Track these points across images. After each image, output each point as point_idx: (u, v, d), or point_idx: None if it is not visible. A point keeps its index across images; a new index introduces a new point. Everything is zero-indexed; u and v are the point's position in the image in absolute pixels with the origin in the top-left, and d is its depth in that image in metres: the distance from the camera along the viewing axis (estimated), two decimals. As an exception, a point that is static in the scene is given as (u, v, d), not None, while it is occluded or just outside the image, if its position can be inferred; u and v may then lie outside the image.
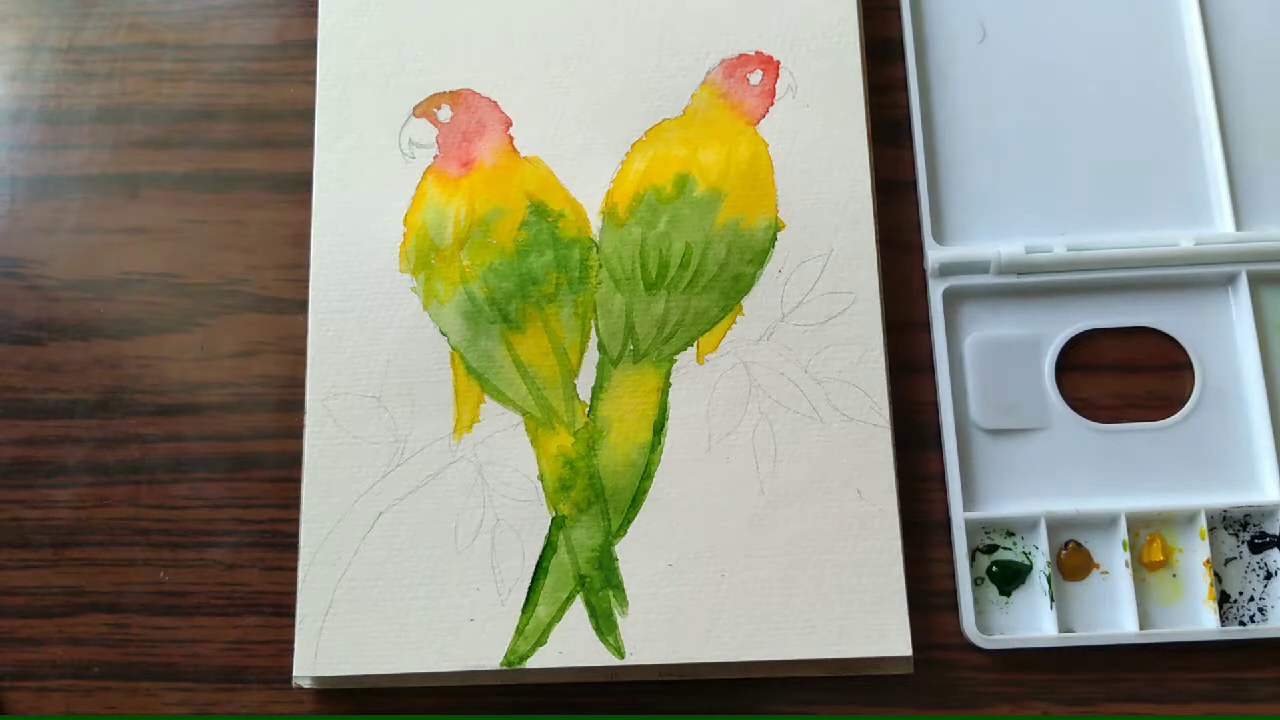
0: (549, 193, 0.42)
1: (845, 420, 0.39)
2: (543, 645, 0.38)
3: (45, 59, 0.46)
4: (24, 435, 0.42)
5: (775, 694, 0.39)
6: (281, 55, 0.45)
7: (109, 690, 0.40)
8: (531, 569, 0.38)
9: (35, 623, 0.40)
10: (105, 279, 0.43)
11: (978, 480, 0.40)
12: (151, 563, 0.41)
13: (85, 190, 0.44)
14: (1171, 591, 0.39)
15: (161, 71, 0.45)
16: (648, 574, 0.38)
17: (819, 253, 0.41)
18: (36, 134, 0.45)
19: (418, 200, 0.42)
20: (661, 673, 0.39)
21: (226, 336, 0.43)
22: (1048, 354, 0.41)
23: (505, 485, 0.39)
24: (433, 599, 0.38)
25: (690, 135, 0.42)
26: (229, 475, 0.41)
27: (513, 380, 0.40)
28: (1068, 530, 0.40)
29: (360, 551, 0.39)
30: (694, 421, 0.39)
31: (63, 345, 0.43)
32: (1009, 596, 0.39)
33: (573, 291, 0.41)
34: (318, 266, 0.41)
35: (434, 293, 0.41)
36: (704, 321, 0.40)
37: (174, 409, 0.42)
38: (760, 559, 0.38)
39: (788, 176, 0.41)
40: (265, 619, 0.40)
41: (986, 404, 0.41)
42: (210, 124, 0.45)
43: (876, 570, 0.38)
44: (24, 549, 0.41)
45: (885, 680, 0.39)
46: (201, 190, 0.44)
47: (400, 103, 0.43)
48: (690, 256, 0.41)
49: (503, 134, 0.42)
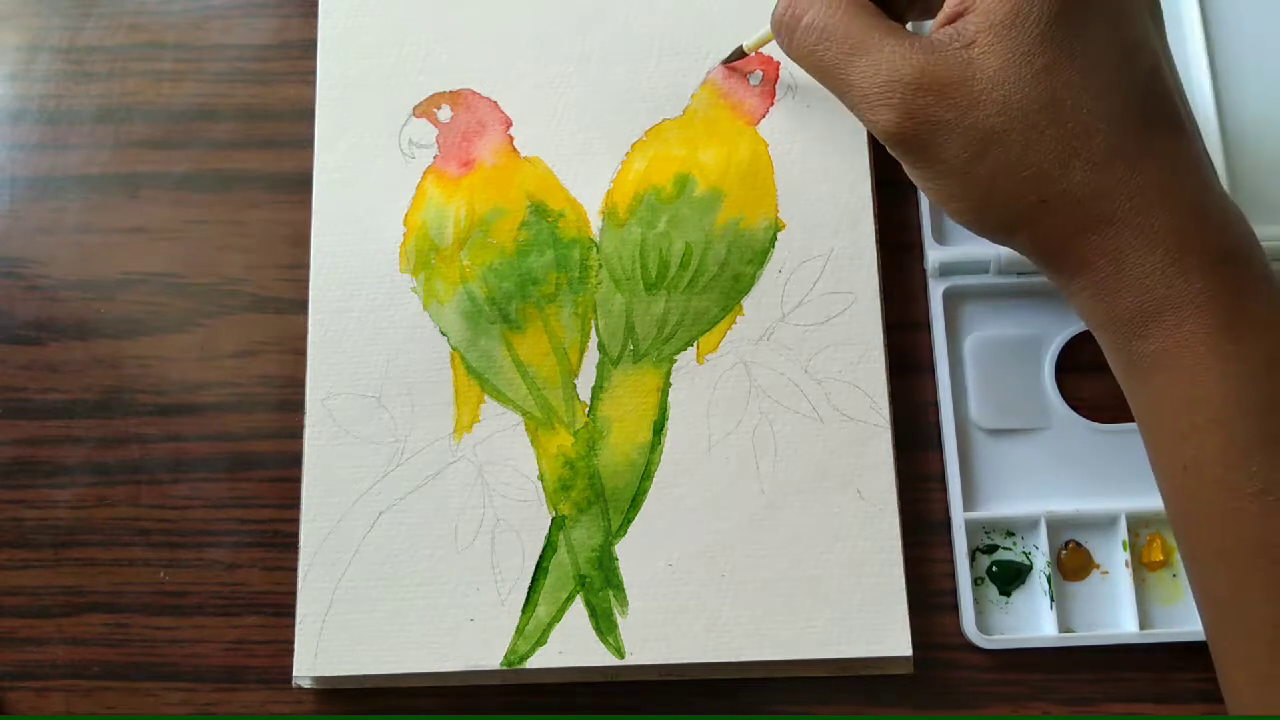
0: (549, 193, 0.42)
1: (845, 420, 0.39)
2: (543, 645, 0.38)
3: (45, 59, 0.46)
4: (24, 435, 0.42)
5: (775, 694, 0.39)
6: (281, 55, 0.45)
7: (109, 690, 0.40)
8: (531, 569, 0.39)
9: (35, 623, 0.40)
10: (105, 279, 0.43)
11: (978, 480, 0.40)
12: (151, 563, 0.41)
13: (85, 190, 0.44)
14: (1171, 591, 0.39)
15: (161, 71, 0.45)
16: (648, 574, 0.38)
17: (819, 253, 0.41)
18: (36, 134, 0.45)
19: (418, 200, 0.42)
20: (661, 673, 0.39)
21: (226, 336, 0.43)
22: (1048, 354, 0.41)
23: (505, 485, 0.39)
24: (433, 599, 0.38)
25: (690, 135, 0.42)
26: (229, 475, 0.41)
27: (513, 380, 0.40)
28: (1068, 530, 0.40)
29: (360, 551, 0.39)
30: (694, 421, 0.39)
31: (63, 345, 0.43)
32: (1009, 596, 0.39)
33: (573, 291, 0.41)
34: (318, 266, 0.41)
35: (434, 293, 0.41)
36: (704, 321, 0.40)
37: (174, 409, 0.42)
38: (760, 559, 0.38)
39: (788, 176, 0.41)
40: (265, 619, 0.40)
41: (986, 404, 0.41)
42: (210, 124, 0.45)
43: (876, 570, 0.38)
44: (24, 549, 0.41)
45: (885, 680, 0.39)
46: (201, 190, 0.44)
47: (400, 103, 0.43)
48: (690, 256, 0.41)
49: (503, 134, 0.42)
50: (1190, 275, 0.30)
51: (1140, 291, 0.31)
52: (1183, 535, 0.32)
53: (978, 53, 0.31)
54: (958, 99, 0.31)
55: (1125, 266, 0.31)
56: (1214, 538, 0.31)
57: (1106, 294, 0.31)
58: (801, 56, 0.35)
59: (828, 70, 0.34)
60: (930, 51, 0.31)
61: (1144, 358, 0.31)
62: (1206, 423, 0.30)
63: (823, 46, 0.33)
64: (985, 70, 0.31)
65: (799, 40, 0.34)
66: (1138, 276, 0.31)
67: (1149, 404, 0.32)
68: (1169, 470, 0.32)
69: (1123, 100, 0.31)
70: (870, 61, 0.32)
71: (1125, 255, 0.31)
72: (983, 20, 0.31)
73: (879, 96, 0.32)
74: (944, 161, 0.32)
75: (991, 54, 0.31)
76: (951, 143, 0.31)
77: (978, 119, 0.31)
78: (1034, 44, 0.30)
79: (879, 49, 0.32)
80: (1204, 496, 0.31)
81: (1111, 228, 0.31)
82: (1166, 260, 0.30)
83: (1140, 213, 0.30)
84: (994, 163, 0.31)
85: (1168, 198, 0.30)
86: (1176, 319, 0.30)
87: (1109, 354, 0.33)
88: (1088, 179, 0.31)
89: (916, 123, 0.32)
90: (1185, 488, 0.31)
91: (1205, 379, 0.30)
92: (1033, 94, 0.30)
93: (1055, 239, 0.32)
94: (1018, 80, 0.31)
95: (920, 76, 0.31)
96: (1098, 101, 0.30)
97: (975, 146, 0.31)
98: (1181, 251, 0.30)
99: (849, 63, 0.33)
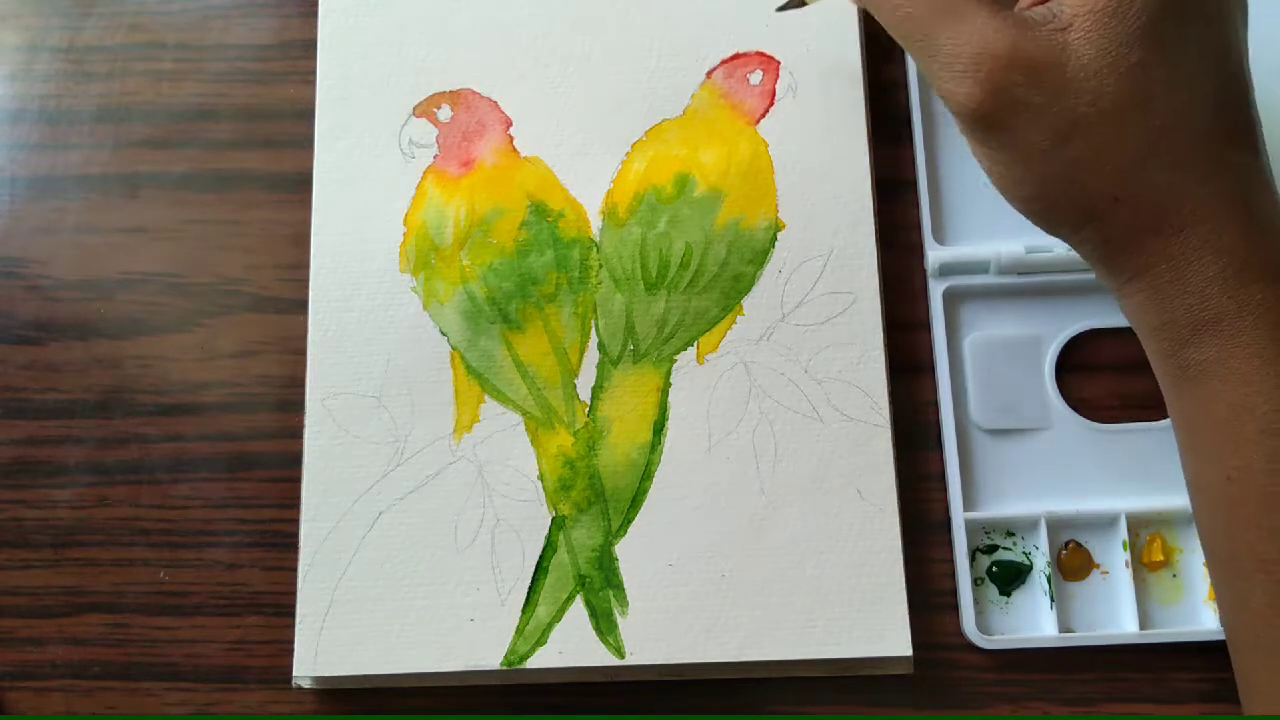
0: (549, 192, 0.42)
1: (845, 420, 0.39)
2: (543, 645, 0.38)
3: (45, 59, 0.46)
4: (24, 435, 0.42)
5: (775, 694, 0.39)
6: (281, 55, 0.45)
7: (109, 690, 0.40)
8: (531, 569, 0.39)
9: (35, 623, 0.40)
10: (105, 279, 0.43)
11: (978, 480, 0.40)
12: (151, 563, 0.41)
13: (85, 190, 0.44)
14: (1171, 591, 0.39)
15: (161, 71, 0.45)
16: (648, 574, 0.38)
17: (819, 253, 0.41)
18: (36, 134, 0.45)
19: (418, 200, 0.42)
20: (661, 673, 0.39)
21: (226, 336, 0.43)
22: (1048, 354, 0.41)
23: (505, 485, 0.39)
24: (433, 599, 0.38)
25: (690, 135, 0.42)
26: (229, 475, 0.41)
27: (513, 380, 0.40)
28: (1068, 530, 0.40)
29: (360, 551, 0.39)
30: (694, 421, 0.39)
31: (63, 345, 0.43)
32: (1009, 596, 0.39)
33: (573, 291, 0.41)
34: (318, 266, 0.41)
35: (434, 293, 0.41)
36: (704, 321, 0.40)
37: (174, 409, 0.42)
38: (760, 559, 0.38)
39: (788, 176, 0.41)
40: (265, 619, 0.40)
41: (986, 404, 0.41)
42: (210, 124, 0.45)
43: (876, 570, 0.38)
44: (24, 549, 0.41)
45: (885, 680, 0.39)
46: (201, 190, 0.44)
47: (400, 103, 0.43)
48: (690, 256, 0.41)
49: (503, 134, 0.42)
50: (1251, 287, 0.30)
51: (1199, 299, 0.30)
52: (1220, 547, 0.32)
53: (1074, 37, 0.30)
54: (1049, 82, 0.30)
55: (1188, 273, 0.30)
56: (1257, 549, 0.30)
57: (1164, 299, 0.31)
58: (886, 12, 0.32)
59: (913, 30, 0.32)
60: (1025, 28, 0.30)
61: (1195, 365, 0.31)
62: (1255, 434, 0.30)
63: (912, 2, 0.32)
64: (1081, 57, 0.30)
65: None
66: (1199, 284, 0.30)
67: (1195, 413, 0.32)
68: (1211, 480, 0.31)
69: (1210, 106, 0.30)
70: (961, 27, 0.31)
71: (1189, 262, 0.30)
72: (1082, 5, 0.30)
73: (966, 67, 0.31)
74: (1022, 146, 0.31)
75: (1088, 41, 0.30)
76: (1035, 127, 0.30)
77: (1066, 106, 0.30)
78: (1133, 37, 0.30)
79: (972, 15, 0.31)
80: (1248, 507, 0.30)
81: (1180, 233, 0.30)
82: (1229, 271, 0.30)
83: (1209, 221, 0.30)
84: (1075, 153, 0.30)
85: (1238, 210, 0.30)
86: (1233, 329, 0.30)
87: (1156, 360, 0.32)
88: (1164, 180, 0.30)
89: (1001, 101, 0.30)
90: (1228, 498, 0.31)
91: (1256, 390, 0.30)
92: (1125, 89, 0.30)
93: (1122, 238, 0.31)
94: (1111, 73, 0.30)
95: (1013, 52, 0.30)
96: (1186, 103, 0.30)
97: (1059, 134, 0.30)
98: (1245, 264, 0.30)
99: (938, 24, 0.31)
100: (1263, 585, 0.30)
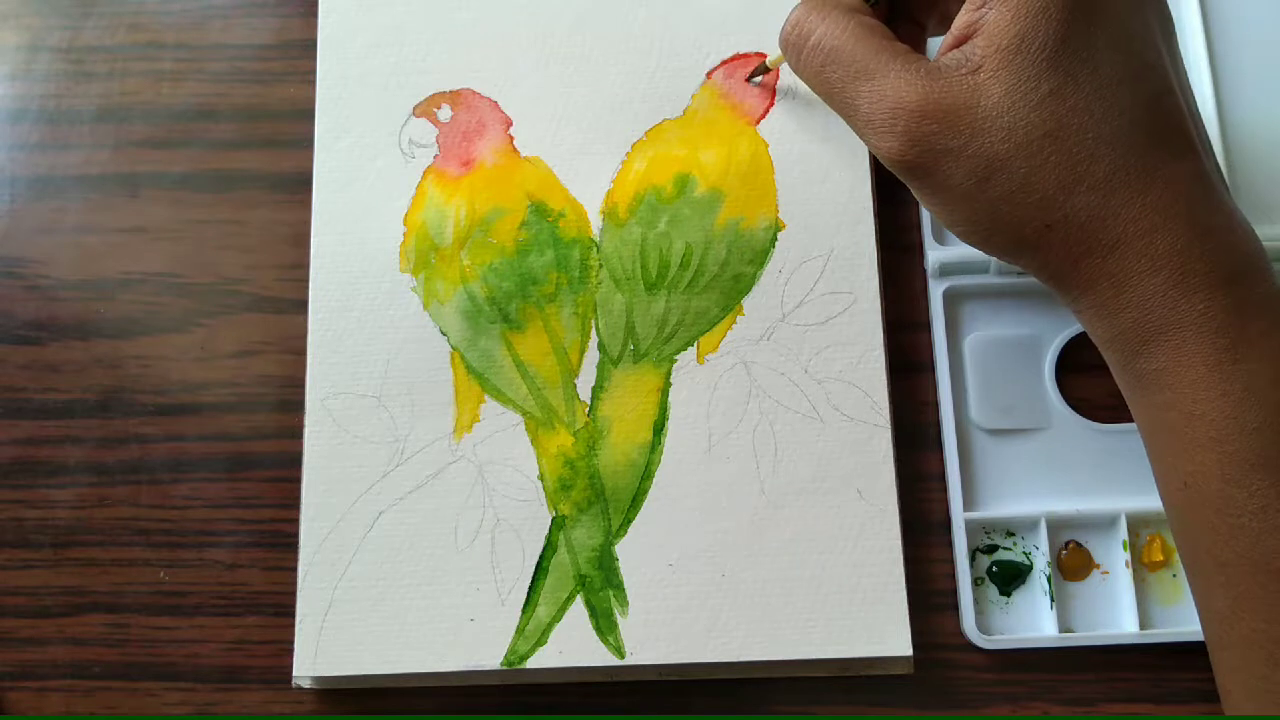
0: (549, 192, 0.42)
1: (845, 420, 0.39)
2: (543, 645, 0.38)
3: (45, 59, 0.46)
4: (24, 435, 0.42)
5: (775, 694, 0.39)
6: (281, 55, 0.45)
7: (109, 690, 0.40)
8: (531, 569, 0.39)
9: (35, 623, 0.40)
10: (105, 279, 0.43)
11: (978, 480, 0.40)
12: (151, 563, 0.41)
13: (85, 190, 0.44)
14: (1171, 591, 0.39)
15: (161, 71, 0.45)
16: (648, 574, 0.38)
17: (819, 253, 0.41)
18: (36, 134, 0.45)
19: (418, 200, 0.42)
20: (661, 673, 0.39)
21: (226, 336, 0.43)
22: (1048, 354, 0.41)
23: (505, 485, 0.39)
24: (433, 599, 0.38)
25: (690, 135, 0.42)
26: (229, 475, 0.41)
27: (513, 380, 0.40)
28: (1068, 530, 0.40)
29: (360, 551, 0.39)
30: (694, 421, 0.39)
31: (63, 345, 0.43)
32: (1009, 596, 0.39)
33: (573, 291, 0.41)
34: (318, 266, 0.41)
35: (434, 292, 0.41)
36: (704, 321, 0.40)
37: (174, 409, 0.42)
38: (760, 559, 0.38)
39: (788, 176, 0.41)
40: (265, 619, 0.40)
41: (986, 404, 0.41)
42: (210, 124, 0.45)
43: (876, 570, 0.38)
44: (24, 549, 0.41)
45: (885, 680, 0.39)
46: (201, 190, 0.44)
47: (400, 102, 0.43)
48: (690, 256, 0.41)
49: (503, 133, 0.42)
50: (1193, 297, 0.30)
51: (1142, 312, 0.31)
52: (1184, 548, 0.32)
53: (983, 78, 0.31)
54: (962, 126, 0.31)
55: (1127, 289, 0.31)
56: (1214, 552, 0.31)
57: (1109, 314, 0.31)
58: (808, 77, 0.35)
59: (833, 92, 0.34)
60: (936, 78, 0.31)
61: (1146, 375, 0.31)
62: (1207, 440, 0.30)
63: (829, 69, 0.33)
64: (990, 97, 0.31)
65: (805, 60, 0.34)
66: (1140, 298, 0.31)
67: (1151, 420, 0.32)
68: (1171, 486, 0.32)
69: (1129, 124, 0.31)
70: (875, 86, 0.32)
71: (1128, 278, 0.31)
72: (989, 45, 0.31)
73: (883, 123, 0.32)
74: (949, 188, 0.32)
75: (996, 80, 0.31)
76: (956, 169, 0.31)
77: (982, 146, 0.31)
78: (1039, 69, 0.30)
79: (884, 74, 0.32)
80: (1204, 512, 0.31)
81: (1115, 252, 0.31)
82: (1169, 283, 0.30)
83: (1144, 236, 0.30)
84: (999, 189, 0.31)
85: (1173, 221, 0.30)
86: (1179, 339, 0.30)
87: (1114, 370, 0.33)
88: (1091, 204, 0.30)
89: (920, 150, 0.32)
90: (1186, 503, 0.31)
91: (1205, 397, 0.30)
92: (1037, 120, 0.30)
93: (1059, 262, 0.32)
94: (1023, 106, 0.30)
95: (924, 104, 0.31)
96: (1103, 126, 0.30)
97: (980, 173, 0.31)
98: (1184, 274, 0.30)
99: (854, 86, 0.33)
100: (1222, 587, 0.31)
